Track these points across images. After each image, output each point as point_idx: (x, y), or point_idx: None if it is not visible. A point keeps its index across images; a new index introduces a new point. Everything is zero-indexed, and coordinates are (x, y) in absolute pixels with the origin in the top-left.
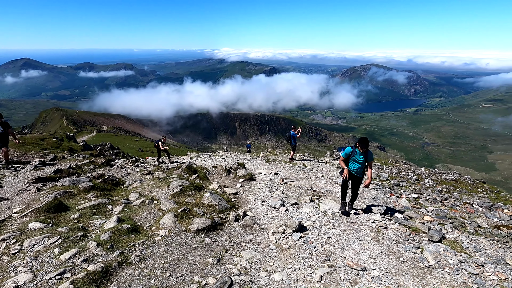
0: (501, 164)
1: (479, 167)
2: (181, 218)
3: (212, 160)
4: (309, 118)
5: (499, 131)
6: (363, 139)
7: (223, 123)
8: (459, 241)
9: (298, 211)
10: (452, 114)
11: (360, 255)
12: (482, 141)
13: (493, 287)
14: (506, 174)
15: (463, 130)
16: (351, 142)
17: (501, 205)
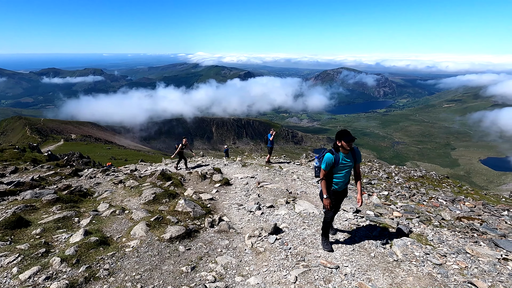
0: (463, 160)
1: (444, 163)
2: (154, 227)
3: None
4: (285, 121)
5: (460, 129)
6: (345, 132)
7: (199, 128)
8: (424, 234)
9: (274, 213)
10: (418, 114)
11: (334, 254)
12: (445, 139)
13: (454, 275)
14: (468, 168)
15: (429, 129)
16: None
17: (463, 198)
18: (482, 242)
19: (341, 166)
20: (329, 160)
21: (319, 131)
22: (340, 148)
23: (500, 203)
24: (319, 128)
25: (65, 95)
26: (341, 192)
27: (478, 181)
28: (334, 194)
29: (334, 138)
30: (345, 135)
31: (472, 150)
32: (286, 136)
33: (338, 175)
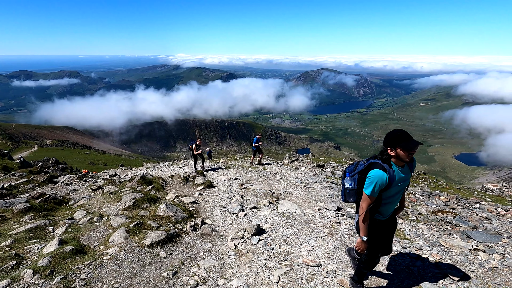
0: (439, 156)
1: (421, 160)
2: (134, 233)
3: (170, 169)
4: (269, 122)
5: (435, 126)
6: (404, 134)
7: (181, 131)
8: (402, 229)
9: (257, 214)
10: (396, 113)
11: (316, 252)
12: (422, 136)
13: (430, 267)
14: (443, 164)
15: (406, 127)
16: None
17: (438, 193)
18: (455, 234)
19: (396, 187)
20: (382, 180)
21: (302, 131)
22: (393, 159)
23: (472, 197)
24: (301, 128)
25: (38, 98)
26: (388, 221)
27: (453, 176)
28: (377, 225)
29: (383, 143)
30: (404, 139)
31: (446, 147)
32: (269, 137)
33: (388, 201)
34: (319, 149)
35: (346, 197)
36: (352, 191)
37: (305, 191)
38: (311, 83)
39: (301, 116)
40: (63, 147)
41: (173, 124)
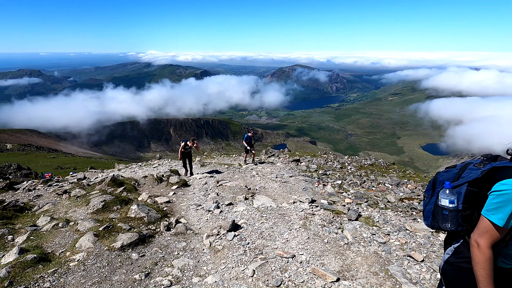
0: (407, 147)
1: (391, 151)
2: (103, 236)
3: (143, 170)
4: (245, 119)
5: (403, 119)
6: None
7: (156, 130)
8: (371, 217)
9: (232, 210)
10: (367, 107)
11: (290, 244)
12: (391, 129)
13: (396, 251)
14: (411, 155)
15: (377, 121)
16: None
17: (406, 182)
18: (419, 219)
19: None
20: None
21: (278, 127)
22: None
23: None
24: (278, 124)
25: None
26: None
27: (420, 166)
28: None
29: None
30: None
31: (413, 138)
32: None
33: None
34: (295, 144)
35: (439, 221)
36: (454, 213)
37: (280, 185)
38: (286, 79)
39: (276, 112)
40: (26, 151)
41: (146, 124)
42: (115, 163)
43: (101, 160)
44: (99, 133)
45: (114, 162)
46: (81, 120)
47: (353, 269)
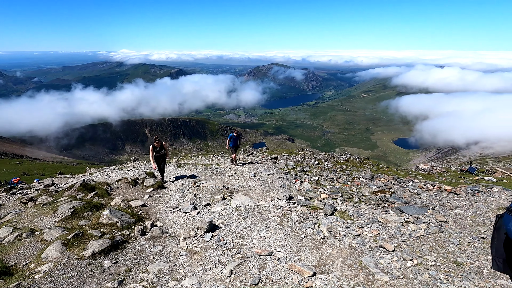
0: (380, 142)
1: (365, 147)
2: (72, 245)
3: (117, 173)
4: (223, 118)
5: (376, 115)
6: None
7: (130, 132)
8: (346, 211)
9: (210, 211)
10: (342, 104)
11: (268, 241)
12: (365, 125)
13: (369, 242)
14: (384, 149)
15: (352, 117)
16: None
17: (379, 175)
18: (391, 211)
19: None
20: None
21: (256, 126)
22: None
23: (407, 176)
24: (256, 123)
25: None
26: None
27: (393, 159)
28: None
29: None
30: None
31: (386, 133)
32: (225, 133)
33: None
34: (274, 142)
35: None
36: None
37: (258, 183)
38: (262, 78)
39: (254, 111)
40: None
41: (120, 125)
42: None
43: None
44: (68, 137)
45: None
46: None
47: (329, 263)
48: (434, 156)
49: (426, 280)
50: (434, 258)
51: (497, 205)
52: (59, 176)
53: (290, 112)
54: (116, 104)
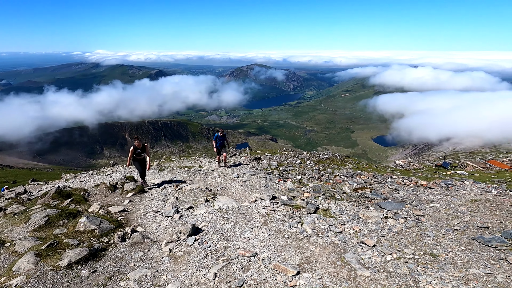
0: (360, 140)
1: (346, 145)
2: (47, 255)
3: (95, 178)
4: (205, 119)
5: (355, 114)
6: None
7: (109, 135)
8: (328, 208)
9: (193, 214)
10: (323, 104)
11: (252, 242)
12: (346, 124)
13: (351, 239)
14: (364, 147)
15: (332, 116)
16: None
17: (359, 172)
18: (371, 207)
19: None
20: None
21: (239, 127)
22: None
23: (386, 172)
24: (238, 123)
25: None
26: None
27: (372, 157)
28: None
29: None
30: None
31: (366, 131)
32: (207, 134)
33: None
34: (257, 142)
35: None
36: None
37: (242, 184)
38: (244, 78)
39: (236, 112)
40: None
41: (97, 128)
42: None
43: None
44: (42, 141)
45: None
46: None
47: (312, 261)
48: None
49: (405, 273)
50: (412, 251)
51: (468, 197)
52: (32, 183)
53: (272, 112)
54: (93, 106)
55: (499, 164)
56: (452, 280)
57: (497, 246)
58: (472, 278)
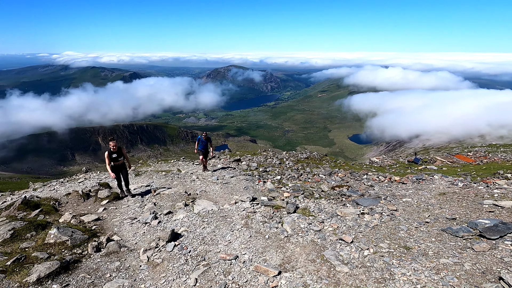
0: (337, 139)
1: (324, 144)
2: (13, 271)
3: (66, 186)
4: (183, 122)
5: (332, 114)
6: None
7: (81, 140)
8: (308, 207)
9: (172, 219)
10: (300, 104)
11: (233, 245)
12: (323, 123)
13: (330, 236)
14: (341, 146)
15: (310, 116)
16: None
17: (337, 170)
18: (348, 204)
19: None
20: None
21: (218, 128)
22: None
23: (362, 170)
24: (217, 125)
25: None
26: None
27: (349, 155)
28: None
29: None
30: None
31: (342, 130)
32: (185, 137)
33: None
34: (236, 144)
35: None
36: None
37: (221, 187)
38: (221, 80)
39: (215, 113)
40: None
41: (68, 134)
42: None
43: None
44: (5, 149)
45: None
46: None
47: (293, 260)
48: (385, 150)
49: (381, 266)
50: (387, 245)
51: (438, 191)
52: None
53: (251, 113)
54: (62, 110)
55: (464, 158)
56: (425, 270)
57: (464, 236)
58: (442, 267)
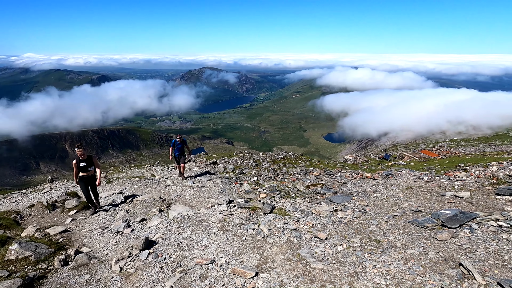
0: (312, 138)
1: (300, 144)
2: None
3: (29, 198)
4: (157, 126)
5: (306, 114)
6: None
7: (45, 148)
8: (284, 207)
9: (146, 226)
10: (275, 105)
11: (209, 249)
12: (298, 123)
13: (305, 234)
14: (316, 145)
15: (285, 117)
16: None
17: (312, 169)
18: (323, 202)
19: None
20: None
21: (194, 131)
22: None
23: (336, 168)
24: (193, 128)
25: None
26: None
27: (324, 153)
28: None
29: None
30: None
31: (317, 130)
32: (160, 141)
33: None
34: (213, 146)
35: None
36: None
37: (198, 191)
38: (195, 82)
39: (190, 116)
40: None
41: (30, 141)
42: None
43: None
44: None
45: None
46: None
47: (270, 260)
48: (357, 148)
49: (354, 260)
50: (359, 240)
51: (405, 185)
52: None
53: (227, 115)
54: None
55: (430, 153)
56: (394, 262)
57: (428, 226)
58: (409, 257)
